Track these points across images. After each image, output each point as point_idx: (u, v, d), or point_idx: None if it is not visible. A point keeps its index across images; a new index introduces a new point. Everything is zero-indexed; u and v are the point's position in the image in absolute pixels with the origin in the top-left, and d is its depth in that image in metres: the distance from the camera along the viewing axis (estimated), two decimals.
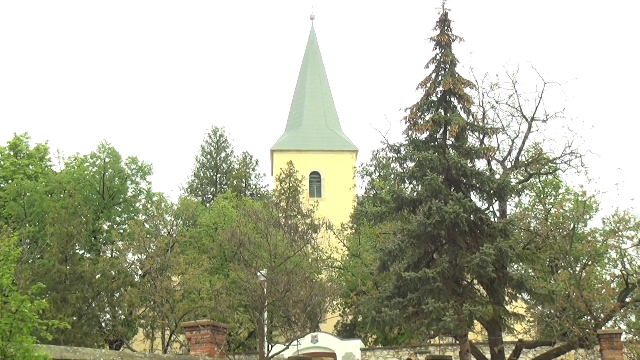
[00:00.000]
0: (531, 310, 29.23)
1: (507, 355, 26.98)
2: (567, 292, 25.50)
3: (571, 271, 27.42)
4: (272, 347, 24.59)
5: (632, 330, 36.39)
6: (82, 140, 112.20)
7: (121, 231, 41.47)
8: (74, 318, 31.43)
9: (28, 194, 41.85)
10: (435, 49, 25.51)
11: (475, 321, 24.51)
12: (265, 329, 26.51)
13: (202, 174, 61.89)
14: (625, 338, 32.27)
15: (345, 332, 47.11)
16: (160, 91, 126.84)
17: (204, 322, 24.83)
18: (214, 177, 61.96)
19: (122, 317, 37.09)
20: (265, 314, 25.53)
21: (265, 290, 24.46)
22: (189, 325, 25.43)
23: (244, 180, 59.81)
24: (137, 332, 38.78)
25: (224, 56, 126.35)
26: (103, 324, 36.66)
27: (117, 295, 36.31)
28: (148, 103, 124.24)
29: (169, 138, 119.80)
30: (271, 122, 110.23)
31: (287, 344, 24.62)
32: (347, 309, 45.36)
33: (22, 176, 43.13)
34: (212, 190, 60.73)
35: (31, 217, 41.15)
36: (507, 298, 24.90)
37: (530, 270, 28.96)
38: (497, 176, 27.16)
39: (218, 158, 62.35)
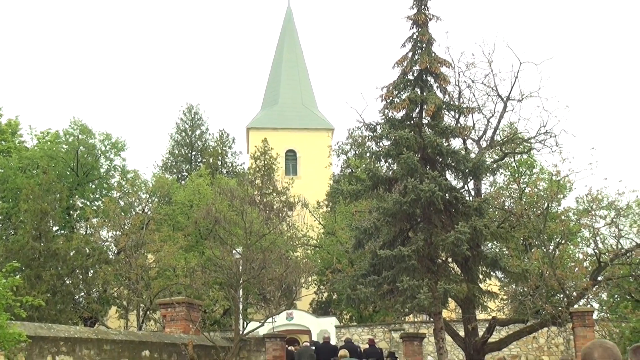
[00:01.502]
0: (505, 288, 29.48)
1: (480, 333, 27.21)
2: (540, 271, 25.73)
3: (545, 250, 27.65)
4: (247, 324, 24.61)
5: (604, 308, 36.86)
6: (54, 116, 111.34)
7: (95, 208, 41.29)
8: (48, 295, 31.28)
9: (1, 170, 41.51)
10: (412, 28, 25.43)
11: (449, 299, 24.71)
12: (241, 307, 26.50)
13: (177, 152, 61.79)
14: (597, 316, 32.66)
15: (320, 309, 47.32)
16: (135, 68, 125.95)
17: (179, 299, 24.83)
18: (189, 154, 61.88)
19: (97, 294, 36.98)
20: (241, 292, 25.49)
21: (240, 267, 24.39)
22: (164, 302, 25.42)
23: (220, 157, 59.71)
24: (111, 309, 38.71)
25: (199, 33, 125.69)
26: (77, 301, 36.52)
27: (91, 273, 36.19)
28: (122, 80, 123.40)
29: (143, 115, 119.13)
30: (247, 100, 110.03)
31: (262, 321, 24.62)
32: (322, 287, 45.53)
33: None
34: (187, 167, 60.66)
35: (4, 194, 40.81)
36: (481, 276, 25.05)
37: (504, 249, 29.18)
38: (473, 155, 27.24)
39: (193, 136, 62.28)
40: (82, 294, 37.15)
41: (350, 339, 28.75)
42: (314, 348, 26.69)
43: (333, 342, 32.71)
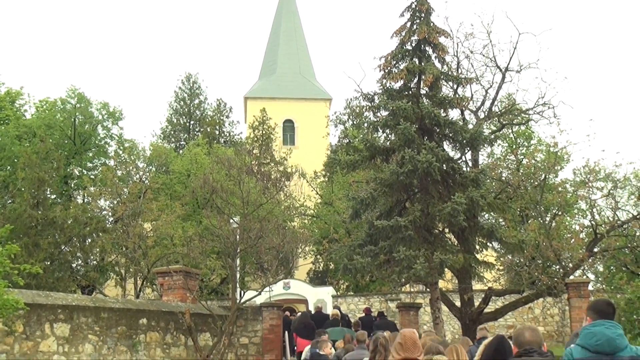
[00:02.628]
0: (501, 259, 29.59)
1: (476, 303, 27.34)
2: (537, 242, 25.80)
3: (541, 221, 27.71)
4: (244, 293, 24.68)
5: (600, 279, 37.04)
6: (53, 84, 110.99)
7: (93, 177, 41.29)
8: (46, 263, 31.37)
9: None
10: None
11: (445, 269, 24.78)
12: (238, 276, 26.58)
13: (175, 121, 61.78)
14: (593, 287, 32.81)
15: (317, 279, 47.50)
16: (133, 37, 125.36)
17: (176, 268, 24.89)
18: (187, 123, 61.84)
19: (95, 262, 37.09)
20: (238, 261, 25.54)
21: (237, 237, 24.42)
22: (161, 271, 25.51)
23: (217, 127, 59.70)
24: (109, 277, 38.84)
25: (198, 1, 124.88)
26: (75, 270, 36.63)
27: (89, 241, 36.26)
28: (121, 49, 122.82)
29: (142, 84, 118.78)
30: (245, 70, 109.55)
31: (259, 290, 24.73)
32: (319, 257, 45.68)
33: None
34: (185, 137, 60.68)
35: (2, 162, 40.81)
36: (477, 247, 25.07)
37: (501, 220, 29.24)
38: (470, 126, 27.22)
39: (191, 105, 62.22)
40: (80, 262, 37.27)
41: (337, 306, 28.81)
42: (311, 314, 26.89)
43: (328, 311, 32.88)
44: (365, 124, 28.26)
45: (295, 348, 24.59)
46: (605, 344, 6.55)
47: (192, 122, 61.93)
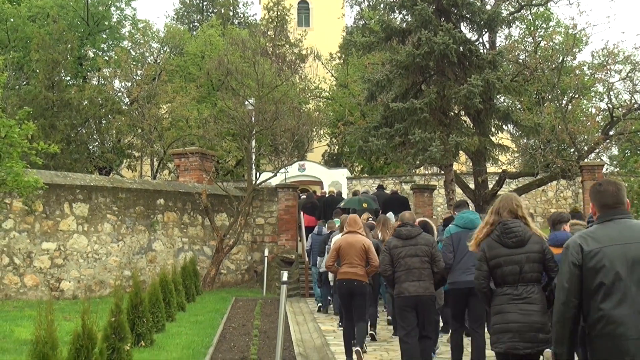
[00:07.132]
0: (516, 142, 29.59)
1: (490, 185, 27.51)
2: (552, 125, 25.74)
3: (557, 104, 27.57)
4: (260, 174, 24.88)
5: (614, 162, 37.08)
6: None
7: (107, 58, 41.10)
8: (63, 145, 31.61)
9: (11, 19, 41.07)
10: None
11: (460, 152, 24.83)
12: (253, 157, 26.78)
13: (188, 1, 60.92)
14: (607, 170, 32.87)
15: (332, 161, 47.77)
16: None
17: (192, 149, 25.12)
18: (201, 4, 60.99)
19: (111, 144, 37.34)
20: (253, 143, 25.70)
21: (252, 119, 24.49)
22: (177, 152, 25.76)
23: (231, 8, 58.93)
24: (125, 159, 39.18)
25: None
26: (92, 151, 36.93)
27: (104, 123, 36.43)
28: None
29: None
30: None
31: (274, 172, 24.94)
32: (334, 139, 45.82)
33: (3, 0, 42.23)
34: (198, 18, 59.94)
35: (15, 43, 40.53)
36: (493, 129, 25.07)
37: (517, 103, 29.10)
38: (488, 7, 26.74)
39: None
40: (97, 143, 37.55)
41: (334, 193, 28.95)
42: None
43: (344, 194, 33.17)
44: (382, 5, 27.70)
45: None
46: (469, 223, 9.99)
47: (205, 3, 61.08)
